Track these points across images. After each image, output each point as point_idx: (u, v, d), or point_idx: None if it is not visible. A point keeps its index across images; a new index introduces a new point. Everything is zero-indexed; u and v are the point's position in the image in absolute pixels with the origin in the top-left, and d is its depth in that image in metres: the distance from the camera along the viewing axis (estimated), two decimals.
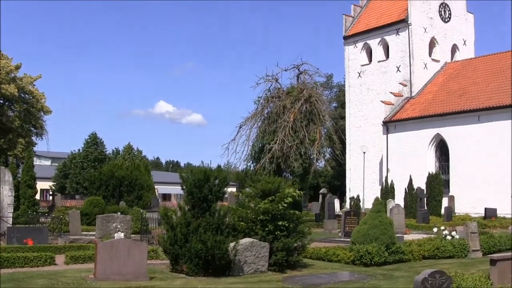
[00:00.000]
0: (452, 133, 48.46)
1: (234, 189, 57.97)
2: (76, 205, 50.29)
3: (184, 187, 16.82)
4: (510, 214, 41.91)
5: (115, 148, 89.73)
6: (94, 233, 24.23)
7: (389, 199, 39.56)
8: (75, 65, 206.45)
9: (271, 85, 40.48)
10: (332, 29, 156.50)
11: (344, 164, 58.33)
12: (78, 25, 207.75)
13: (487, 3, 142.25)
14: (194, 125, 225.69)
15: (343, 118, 64.01)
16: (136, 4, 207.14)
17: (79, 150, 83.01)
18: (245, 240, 16.44)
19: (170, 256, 16.41)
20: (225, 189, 17.43)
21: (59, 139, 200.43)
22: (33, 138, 52.79)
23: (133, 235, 24.51)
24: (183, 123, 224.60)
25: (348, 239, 21.92)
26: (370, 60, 58.98)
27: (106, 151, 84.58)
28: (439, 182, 43.41)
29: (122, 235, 21.04)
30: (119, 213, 26.14)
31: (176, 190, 77.19)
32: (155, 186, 56.06)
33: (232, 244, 15.93)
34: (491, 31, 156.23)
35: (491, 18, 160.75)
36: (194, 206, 16.48)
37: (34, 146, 52.21)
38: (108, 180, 46.43)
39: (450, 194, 46.26)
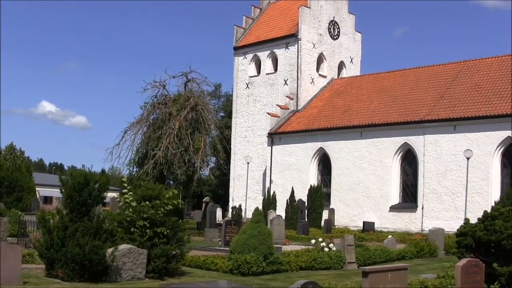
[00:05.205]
0: (335, 148, 49.44)
1: (116, 194, 57.28)
2: None
3: (63, 191, 16.52)
4: (386, 228, 43.26)
5: None
6: None
7: (271, 210, 40.07)
8: None
9: (158, 91, 40.38)
10: (224, 39, 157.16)
11: (228, 173, 58.74)
12: None
13: (375, 22, 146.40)
14: (78, 128, 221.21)
15: (229, 128, 64.38)
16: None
17: None
18: (123, 246, 16.29)
19: (45, 260, 16.05)
20: (106, 193, 17.26)
21: None
22: None
23: (10, 238, 23.92)
24: (66, 124, 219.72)
25: (228, 248, 22.05)
26: (259, 72, 59.50)
27: None
28: (320, 195, 44.21)
29: None
30: None
31: (58, 193, 75.58)
32: (37, 188, 54.81)
33: (110, 250, 15.75)
34: (377, 51, 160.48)
35: (378, 38, 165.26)
36: (72, 210, 16.20)
37: None
38: None
39: (330, 207, 47.01)
